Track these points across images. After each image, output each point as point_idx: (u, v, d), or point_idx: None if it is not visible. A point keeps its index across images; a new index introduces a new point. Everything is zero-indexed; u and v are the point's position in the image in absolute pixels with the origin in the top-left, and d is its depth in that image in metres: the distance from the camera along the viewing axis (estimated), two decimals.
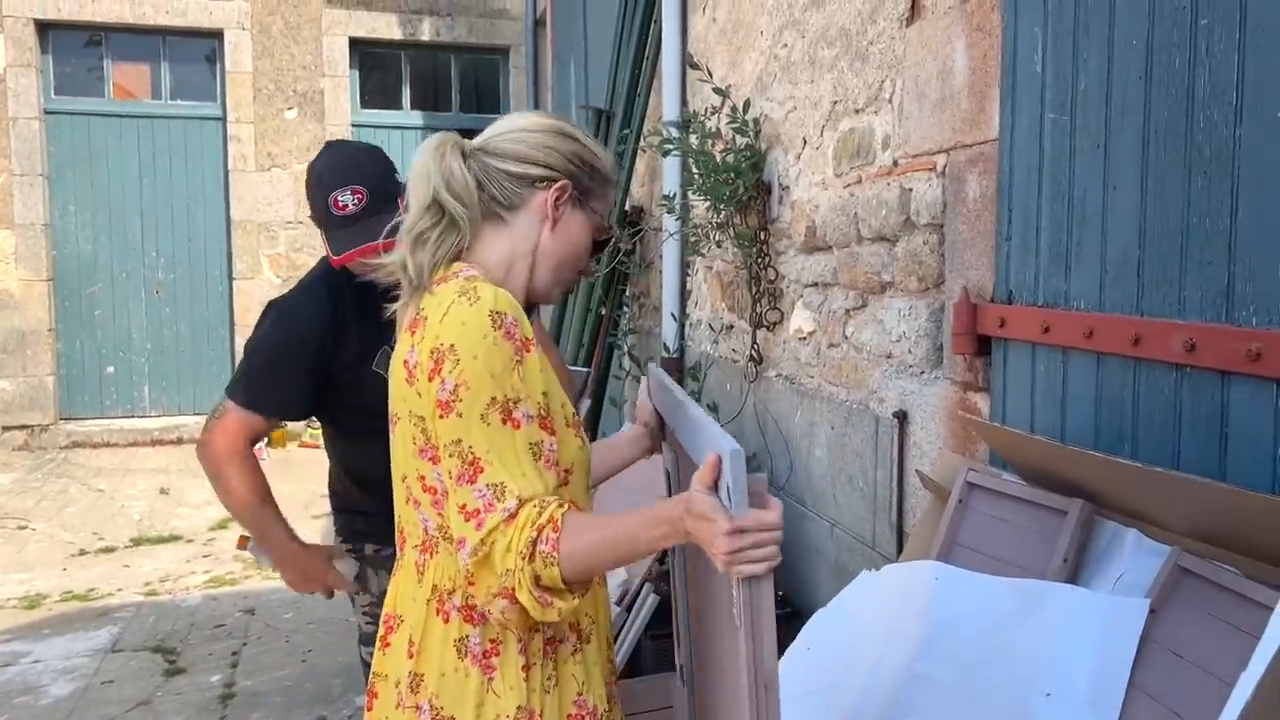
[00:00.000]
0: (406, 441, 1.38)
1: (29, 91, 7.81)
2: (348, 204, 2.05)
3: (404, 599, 1.44)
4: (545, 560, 1.23)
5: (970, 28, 2.17)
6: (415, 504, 1.40)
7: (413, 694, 1.39)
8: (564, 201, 1.45)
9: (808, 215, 3.04)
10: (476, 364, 1.27)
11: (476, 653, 1.37)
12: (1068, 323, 1.83)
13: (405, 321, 1.43)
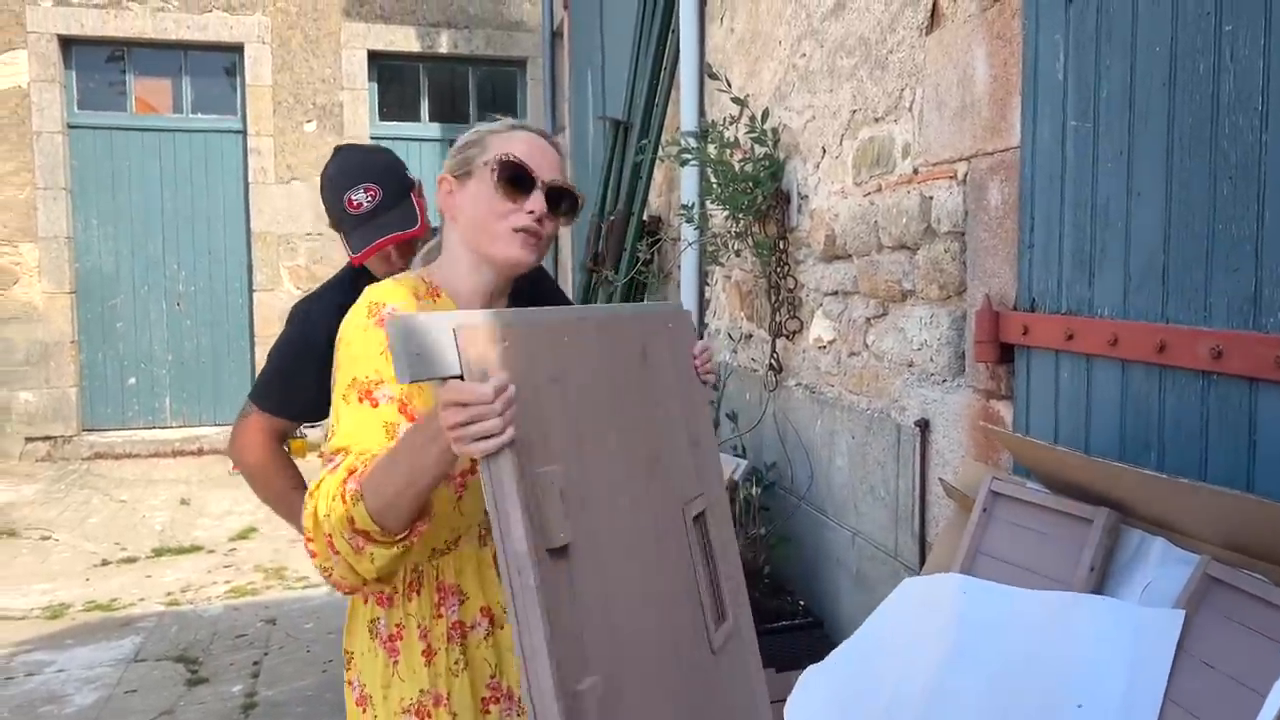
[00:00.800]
0: None
1: (53, 106, 7.90)
2: (362, 201, 2.07)
3: None
4: (353, 498, 1.26)
5: (991, 35, 2.17)
6: None
7: (348, 669, 1.52)
8: (451, 191, 1.58)
9: (827, 224, 3.04)
10: (348, 349, 1.42)
11: (384, 635, 1.46)
12: (1092, 330, 1.82)
13: None
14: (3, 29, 7.76)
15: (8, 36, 7.78)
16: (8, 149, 7.82)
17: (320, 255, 8.43)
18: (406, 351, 1.12)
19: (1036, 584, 1.77)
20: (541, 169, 1.56)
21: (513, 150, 1.53)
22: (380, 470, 1.27)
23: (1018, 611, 1.70)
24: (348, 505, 1.26)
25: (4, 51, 7.78)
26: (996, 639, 1.71)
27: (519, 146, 1.55)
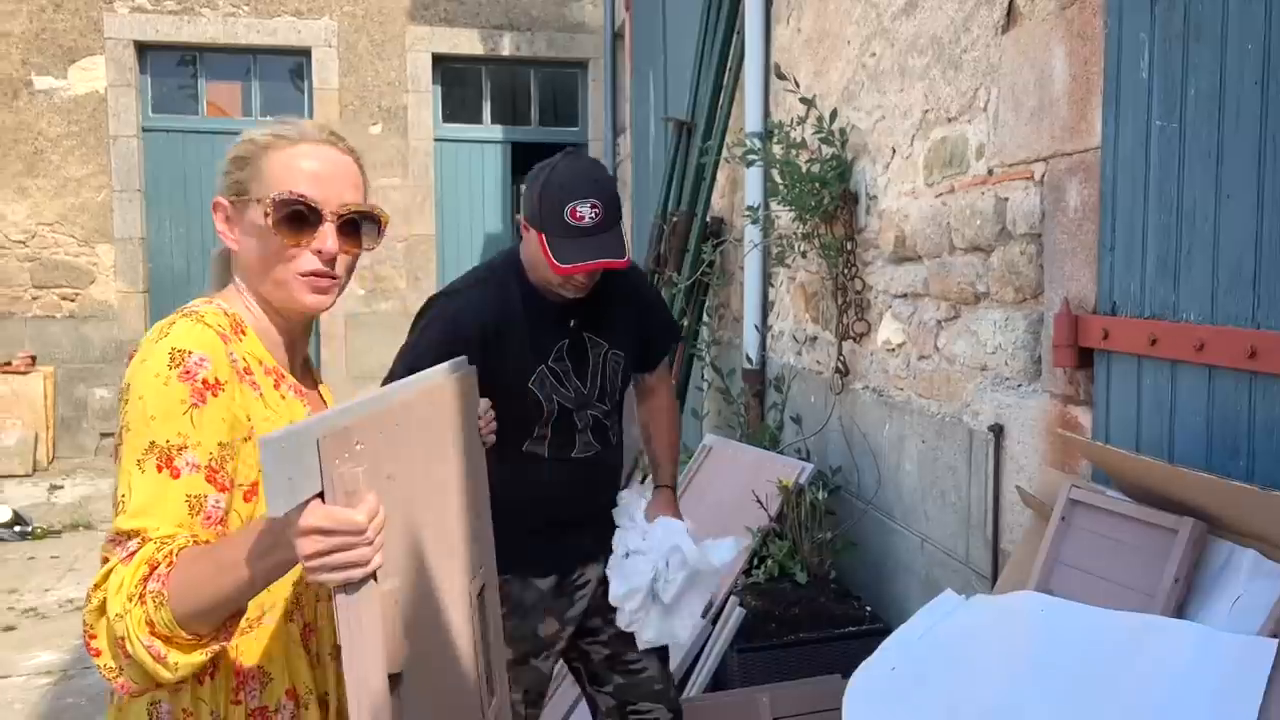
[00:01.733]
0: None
1: (128, 111, 8.11)
2: (584, 216, 2.02)
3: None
4: (155, 600, 1.09)
5: (1071, 34, 2.12)
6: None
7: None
8: (229, 220, 1.36)
9: (897, 225, 3.01)
10: (141, 404, 1.18)
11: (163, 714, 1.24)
12: (1177, 335, 1.77)
13: None
14: (81, 35, 7.99)
15: (86, 43, 8.00)
16: (85, 153, 8.05)
17: (382, 256, 8.54)
18: (283, 479, 0.98)
19: (1117, 594, 1.73)
20: (329, 195, 1.32)
21: (293, 177, 1.30)
22: (196, 574, 1.11)
23: (1097, 633, 1.65)
24: (147, 608, 1.09)
25: (83, 58, 8.01)
26: (1074, 660, 1.67)
27: (301, 167, 1.32)
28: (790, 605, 3.00)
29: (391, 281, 8.64)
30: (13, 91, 7.90)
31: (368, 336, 8.66)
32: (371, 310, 8.63)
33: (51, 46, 7.96)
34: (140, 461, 1.17)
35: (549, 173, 2.08)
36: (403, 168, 8.58)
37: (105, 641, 1.12)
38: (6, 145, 7.92)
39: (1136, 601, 1.70)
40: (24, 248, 8.01)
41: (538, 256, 2.07)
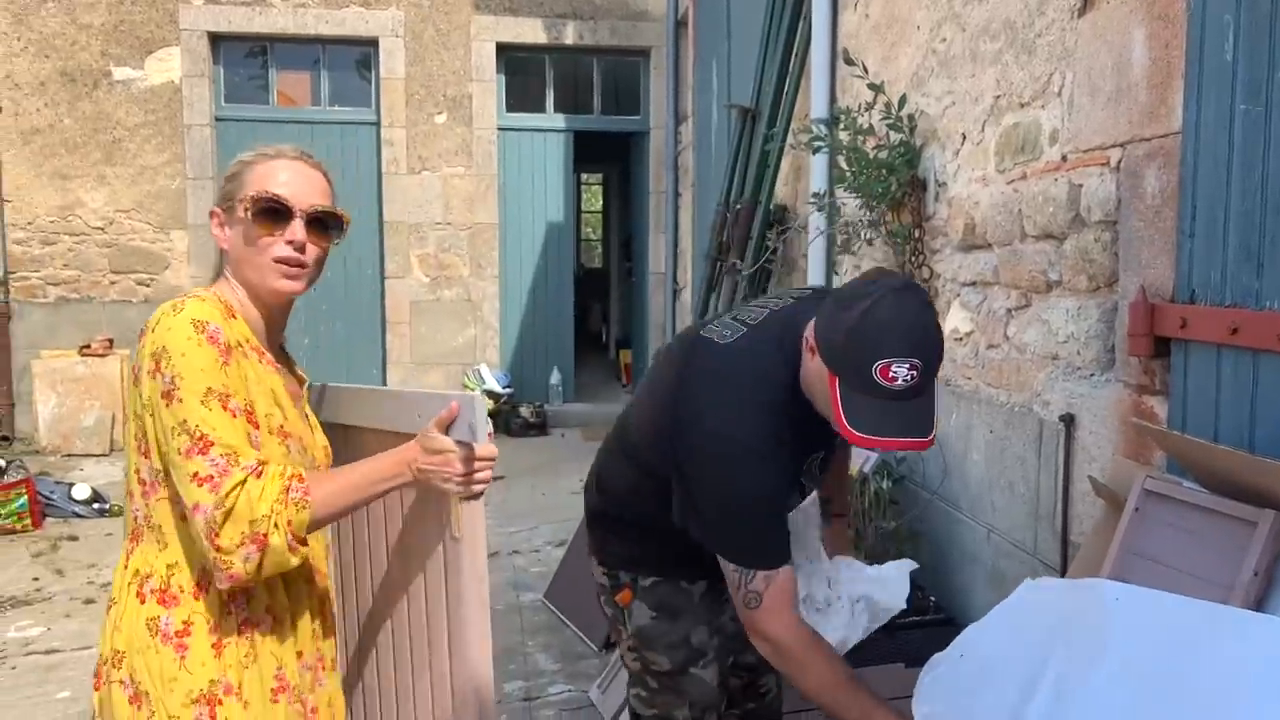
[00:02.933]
0: (129, 438, 1.53)
1: (202, 101, 8.31)
2: (899, 377, 1.58)
3: (116, 584, 1.56)
4: (298, 505, 1.43)
5: (1151, 16, 2.08)
6: (129, 496, 1.54)
7: (116, 669, 1.50)
8: (222, 224, 1.60)
9: (966, 212, 2.97)
10: (188, 360, 1.42)
11: (168, 632, 1.48)
12: (1260, 324, 1.73)
13: None
14: (158, 27, 8.20)
15: (162, 34, 8.21)
16: (161, 141, 8.26)
17: (448, 244, 8.65)
18: (465, 422, 1.54)
19: (1193, 587, 1.70)
20: (300, 197, 1.58)
21: (269, 182, 1.56)
22: (331, 490, 1.49)
23: (1174, 623, 1.63)
24: (289, 511, 1.42)
25: (159, 49, 8.22)
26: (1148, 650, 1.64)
27: (277, 176, 1.58)
28: None
29: (455, 269, 8.75)
30: (92, 82, 8.14)
31: (432, 323, 8.78)
32: (436, 297, 8.74)
33: (129, 38, 8.17)
34: (205, 401, 1.42)
35: (867, 307, 1.60)
36: (467, 156, 8.67)
37: (239, 535, 1.40)
38: (86, 134, 8.16)
39: (1213, 594, 1.67)
40: (102, 234, 8.26)
41: (823, 398, 1.69)
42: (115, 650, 1.50)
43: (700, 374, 1.83)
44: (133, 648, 1.48)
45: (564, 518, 5.77)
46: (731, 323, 1.90)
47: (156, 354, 1.44)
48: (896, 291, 1.63)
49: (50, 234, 8.19)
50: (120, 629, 1.50)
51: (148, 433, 1.48)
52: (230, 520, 1.39)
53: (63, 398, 7.77)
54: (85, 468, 7.30)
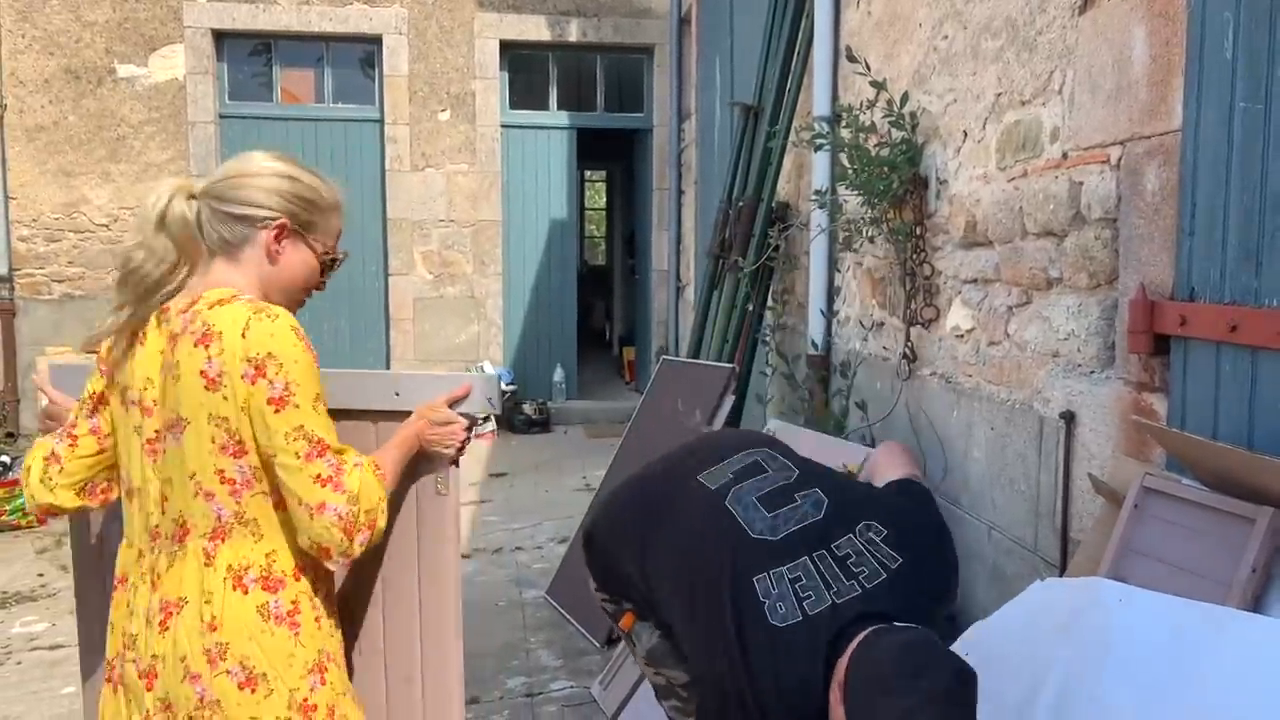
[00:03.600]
0: (203, 441, 1.56)
1: (206, 98, 8.33)
2: None
3: (189, 584, 1.59)
4: (384, 489, 1.68)
5: (1151, 14, 2.08)
6: (208, 496, 1.58)
7: (218, 663, 1.56)
8: (284, 238, 1.69)
9: (967, 210, 2.98)
10: (298, 367, 1.56)
11: (280, 614, 1.60)
12: (1259, 321, 1.73)
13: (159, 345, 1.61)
14: (162, 24, 8.22)
15: (166, 31, 8.23)
16: (165, 139, 8.29)
17: (451, 241, 8.67)
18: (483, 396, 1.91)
19: (1191, 583, 1.71)
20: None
21: (336, 234, 1.80)
22: (392, 471, 1.77)
23: (1176, 624, 1.63)
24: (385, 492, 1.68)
25: (163, 46, 8.24)
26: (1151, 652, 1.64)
27: (339, 230, 1.81)
28: None
29: (458, 266, 8.76)
30: (97, 79, 8.16)
31: (435, 320, 8.80)
32: (439, 295, 8.76)
33: (133, 35, 8.19)
34: (314, 406, 1.59)
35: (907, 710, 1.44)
36: (470, 154, 8.68)
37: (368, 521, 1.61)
38: (91, 131, 8.18)
39: (1211, 590, 1.67)
40: (107, 231, 8.28)
41: None
42: (218, 644, 1.56)
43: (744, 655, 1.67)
44: (240, 636, 1.57)
45: (567, 514, 5.78)
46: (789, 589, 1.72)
47: (258, 360, 1.53)
48: (938, 699, 1.44)
49: (55, 231, 8.22)
50: (220, 624, 1.56)
51: (241, 434, 1.56)
52: (361, 512, 1.60)
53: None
54: None
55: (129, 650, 1.63)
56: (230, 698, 1.55)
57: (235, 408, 1.54)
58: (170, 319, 1.61)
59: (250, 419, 1.55)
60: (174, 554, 1.61)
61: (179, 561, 1.60)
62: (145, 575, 1.64)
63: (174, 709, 1.57)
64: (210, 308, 1.58)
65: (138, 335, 1.63)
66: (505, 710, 3.49)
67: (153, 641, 1.59)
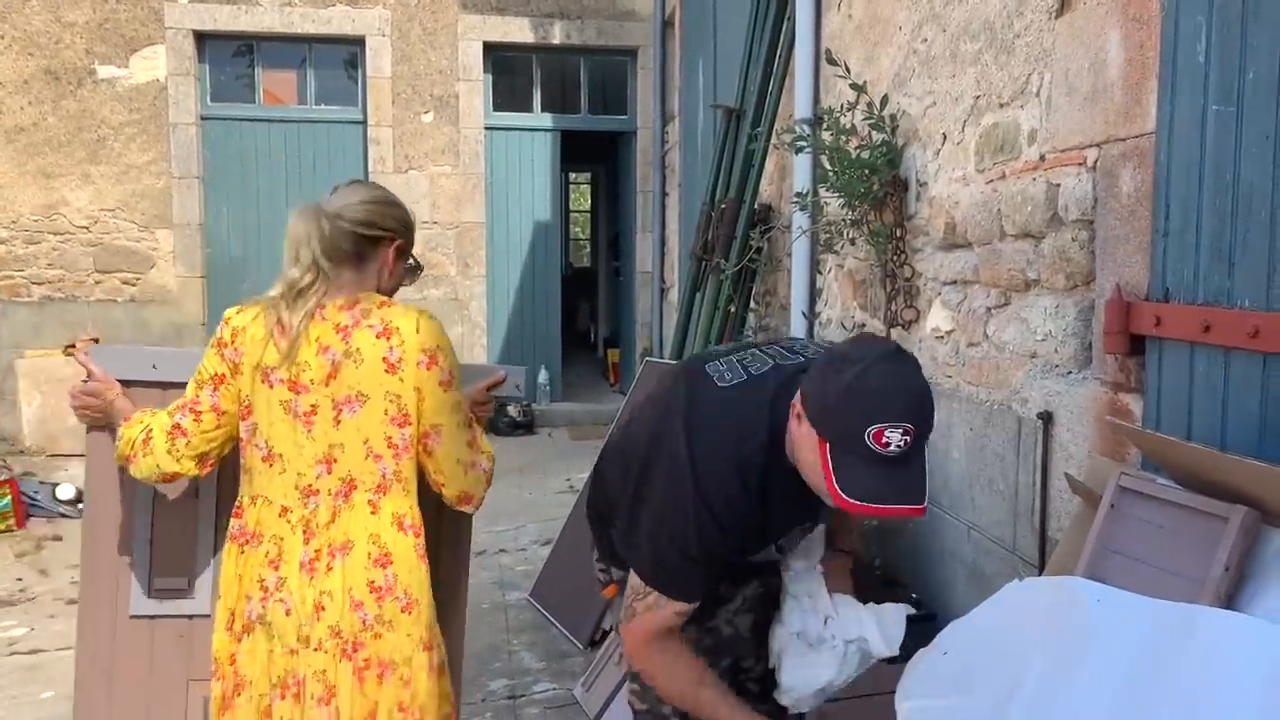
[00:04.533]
0: (377, 414, 1.90)
1: (187, 99, 8.29)
2: (892, 443, 1.58)
3: (356, 530, 1.90)
4: None
5: (1126, 18, 2.10)
6: (376, 458, 1.91)
7: (387, 594, 1.90)
8: (397, 253, 2.03)
9: (947, 211, 2.99)
10: (453, 358, 1.98)
11: (422, 553, 1.97)
12: (1231, 321, 1.75)
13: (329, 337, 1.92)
14: (142, 25, 8.18)
15: (147, 32, 8.19)
16: (146, 140, 8.24)
17: (434, 243, 8.65)
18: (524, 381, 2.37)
19: (1166, 582, 1.72)
20: None
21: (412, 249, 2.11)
22: None
23: (1153, 624, 1.64)
24: None
25: (144, 47, 8.20)
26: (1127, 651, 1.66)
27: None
28: None
29: (442, 268, 8.74)
30: (77, 80, 8.11)
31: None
32: (423, 296, 8.73)
33: (114, 36, 8.15)
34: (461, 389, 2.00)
35: (860, 371, 1.60)
36: (454, 155, 8.67)
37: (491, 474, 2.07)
38: (71, 133, 8.13)
39: (1185, 589, 1.69)
40: (87, 233, 8.23)
41: (811, 465, 1.68)
42: (389, 576, 1.90)
43: (690, 410, 1.85)
44: (405, 569, 1.92)
45: (550, 516, 5.78)
46: (736, 365, 1.91)
47: (430, 351, 1.92)
48: (889, 356, 1.63)
49: (34, 233, 8.16)
50: (391, 560, 1.91)
51: (408, 409, 1.90)
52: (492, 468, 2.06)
53: (47, 398, 7.73)
54: (70, 468, 7.27)
55: (277, 592, 1.89)
56: (400, 620, 1.90)
57: (410, 388, 1.90)
58: (330, 315, 1.92)
59: (422, 397, 1.91)
60: (337, 507, 1.90)
61: (345, 512, 1.90)
62: (296, 527, 1.91)
63: (343, 634, 1.87)
64: (379, 307, 1.93)
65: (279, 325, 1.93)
66: (488, 712, 3.49)
67: (318, 581, 1.87)
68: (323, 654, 1.87)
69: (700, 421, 1.83)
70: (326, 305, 1.93)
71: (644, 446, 1.92)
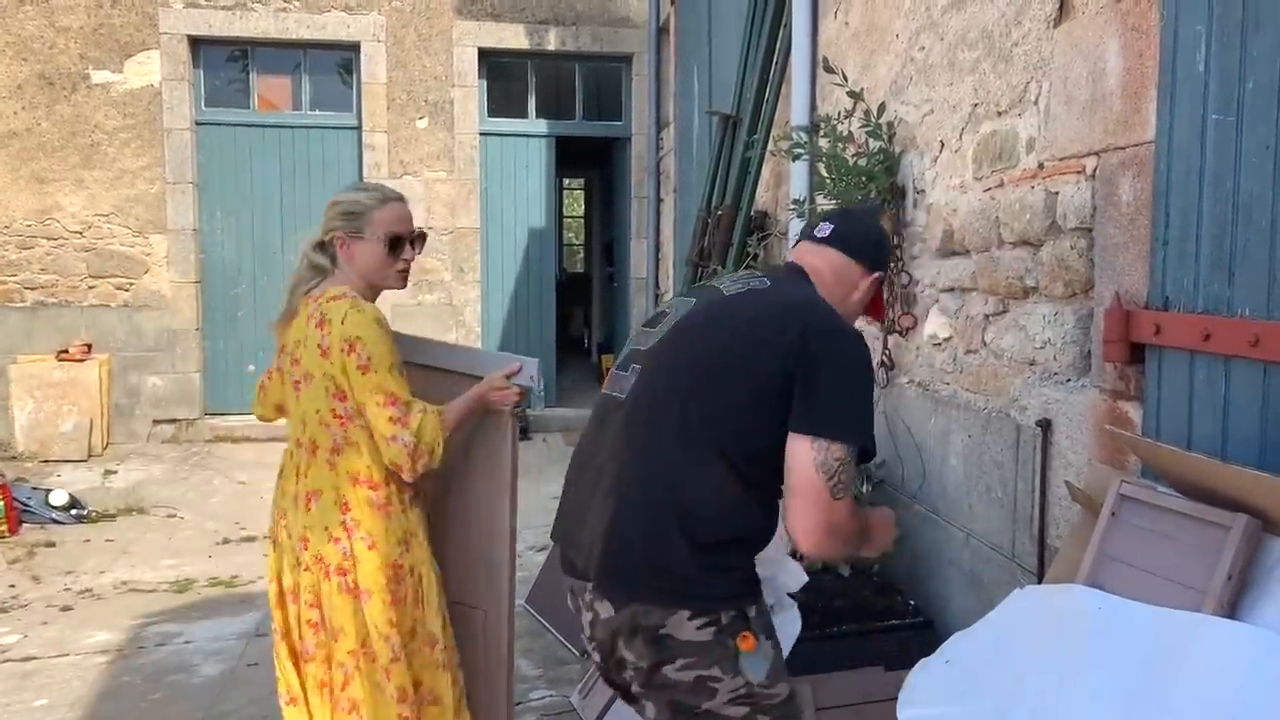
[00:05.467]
0: (320, 391, 2.35)
1: (182, 104, 8.26)
2: None
3: (322, 481, 2.37)
4: (443, 430, 2.36)
5: (1125, 27, 2.11)
6: (326, 425, 2.36)
7: (354, 531, 2.35)
8: (345, 244, 2.42)
9: (944, 219, 3.00)
10: (379, 345, 2.30)
11: (379, 503, 2.37)
12: (1231, 330, 1.76)
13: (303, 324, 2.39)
14: (137, 30, 8.16)
15: (142, 38, 8.17)
16: (140, 145, 8.22)
17: (428, 250, 8.62)
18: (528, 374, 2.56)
19: (1167, 590, 1.72)
20: (408, 227, 2.47)
21: (389, 221, 2.42)
22: (455, 419, 2.41)
23: (1154, 632, 1.64)
24: (441, 434, 2.35)
25: (138, 52, 8.17)
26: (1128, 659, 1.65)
27: (393, 216, 2.44)
28: (833, 598, 3.01)
29: (437, 274, 8.73)
30: (71, 85, 8.09)
31: (413, 327, 8.71)
32: (418, 302, 8.72)
33: (108, 41, 8.13)
34: (389, 371, 2.31)
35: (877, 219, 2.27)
36: (449, 161, 8.66)
37: (420, 457, 2.32)
38: (65, 138, 8.10)
39: (1187, 598, 1.69)
40: (80, 238, 8.20)
41: (864, 302, 2.04)
42: (353, 519, 2.35)
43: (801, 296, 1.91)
44: (364, 515, 2.35)
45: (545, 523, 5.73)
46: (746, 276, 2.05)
47: (349, 340, 2.28)
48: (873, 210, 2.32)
49: (27, 238, 8.12)
50: (350, 508, 2.35)
51: (342, 387, 2.31)
52: (420, 444, 2.30)
53: (40, 403, 7.70)
54: (63, 473, 7.24)
55: (283, 519, 2.44)
56: (364, 556, 2.34)
57: (339, 370, 2.30)
58: (304, 306, 2.41)
59: (348, 378, 2.30)
60: (310, 461, 2.39)
61: (314, 466, 2.38)
62: (294, 470, 2.43)
63: (325, 561, 2.35)
64: (327, 301, 2.35)
65: (295, 314, 2.44)
66: None
67: (301, 517, 2.38)
68: (309, 573, 2.37)
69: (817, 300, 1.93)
70: (308, 297, 2.43)
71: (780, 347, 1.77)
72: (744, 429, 1.76)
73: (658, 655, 1.75)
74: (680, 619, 1.73)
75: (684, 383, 1.82)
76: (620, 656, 1.81)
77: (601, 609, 1.81)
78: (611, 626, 1.79)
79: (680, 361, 1.86)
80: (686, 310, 1.94)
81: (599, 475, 1.87)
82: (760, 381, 1.76)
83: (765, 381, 1.75)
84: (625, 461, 1.82)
